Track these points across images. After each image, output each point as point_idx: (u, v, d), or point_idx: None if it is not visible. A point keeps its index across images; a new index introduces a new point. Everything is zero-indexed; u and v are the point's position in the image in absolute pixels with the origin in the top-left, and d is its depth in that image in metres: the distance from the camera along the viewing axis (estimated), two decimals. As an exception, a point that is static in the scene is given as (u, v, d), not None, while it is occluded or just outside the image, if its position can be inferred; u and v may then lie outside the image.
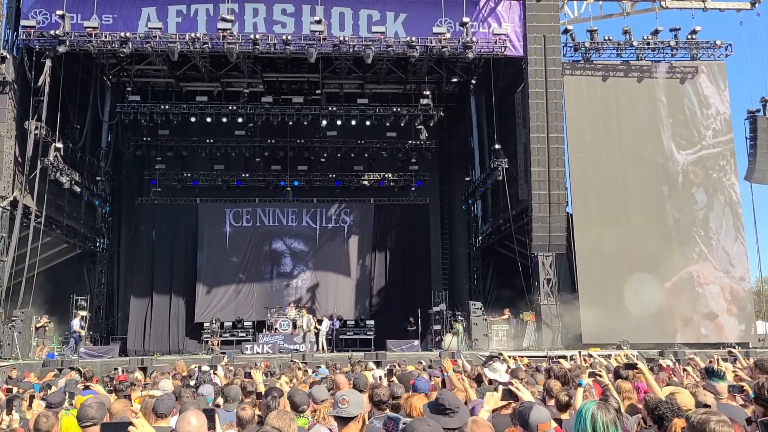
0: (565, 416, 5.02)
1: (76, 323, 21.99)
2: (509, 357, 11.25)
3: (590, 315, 20.94)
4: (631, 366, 6.63)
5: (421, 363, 13.25)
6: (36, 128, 20.57)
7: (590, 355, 11.37)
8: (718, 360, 8.16)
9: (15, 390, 8.35)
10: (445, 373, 6.59)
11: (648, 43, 22.62)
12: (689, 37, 22.78)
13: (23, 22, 20.56)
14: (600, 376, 6.55)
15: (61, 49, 20.16)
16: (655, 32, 22.70)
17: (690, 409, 4.01)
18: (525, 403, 4.03)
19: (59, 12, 20.07)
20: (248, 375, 8.25)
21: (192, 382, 8.79)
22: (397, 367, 10.79)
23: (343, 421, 3.91)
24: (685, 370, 7.67)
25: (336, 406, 3.93)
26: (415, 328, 23.52)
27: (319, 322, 23.50)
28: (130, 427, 3.24)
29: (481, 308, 21.53)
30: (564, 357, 15.05)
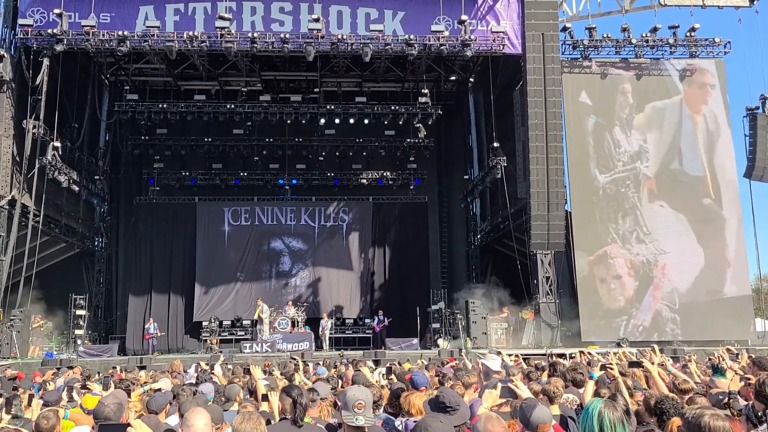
0: (555, 410, 5.00)
1: (152, 328, 23.27)
2: (508, 355, 11.23)
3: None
4: (637, 364, 6.61)
5: (421, 362, 13.23)
6: (34, 127, 20.53)
7: (589, 353, 11.35)
8: (720, 357, 8.16)
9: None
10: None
11: (647, 41, 22.62)
12: (688, 34, 22.79)
13: (21, 21, 20.50)
14: (611, 368, 6.55)
15: (59, 47, 20.10)
16: (654, 30, 22.70)
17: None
18: (528, 401, 4.01)
19: (57, 10, 20.01)
20: (247, 371, 8.25)
21: (187, 381, 8.78)
22: (396, 365, 10.78)
23: (359, 428, 3.64)
24: (685, 366, 7.67)
25: (350, 409, 3.65)
26: (386, 324, 23.57)
27: (309, 321, 23.51)
28: (129, 429, 3.20)
29: (480, 306, 21.51)
30: (563, 355, 15.07)
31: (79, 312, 23.16)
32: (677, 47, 22.85)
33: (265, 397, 5.08)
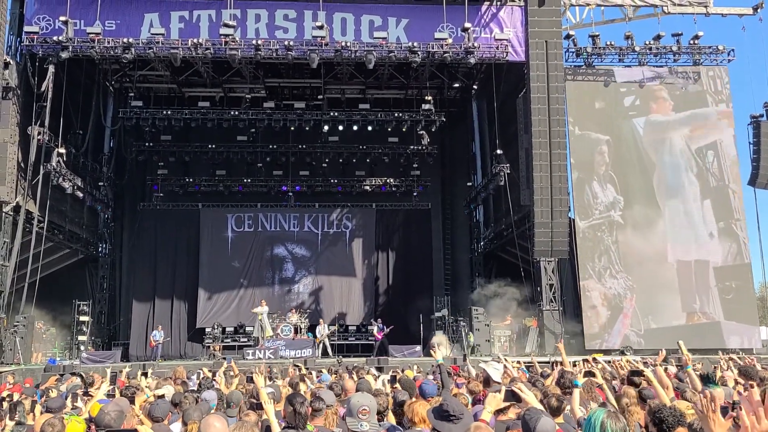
0: (558, 420, 4.98)
1: (158, 335, 23.19)
2: (512, 363, 11.19)
3: (593, 320, 21.19)
4: (637, 373, 6.59)
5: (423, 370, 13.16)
6: (39, 134, 20.61)
7: (595, 360, 11.33)
8: (721, 366, 8.11)
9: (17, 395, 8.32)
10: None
11: (650, 49, 22.68)
12: (691, 42, 22.83)
13: (26, 28, 20.62)
14: (594, 376, 6.51)
15: (64, 54, 20.20)
16: (657, 37, 22.75)
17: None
18: (531, 411, 3.98)
19: (62, 18, 20.12)
20: (250, 380, 8.21)
21: (190, 388, 8.77)
22: (400, 373, 10.74)
23: None
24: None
25: (355, 416, 3.69)
26: (387, 332, 23.39)
27: (312, 328, 23.48)
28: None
29: (483, 314, 21.48)
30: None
31: (82, 318, 23.16)
32: (681, 55, 22.88)
33: (259, 406, 5.06)
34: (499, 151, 24.33)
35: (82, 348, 22.21)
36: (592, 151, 22.76)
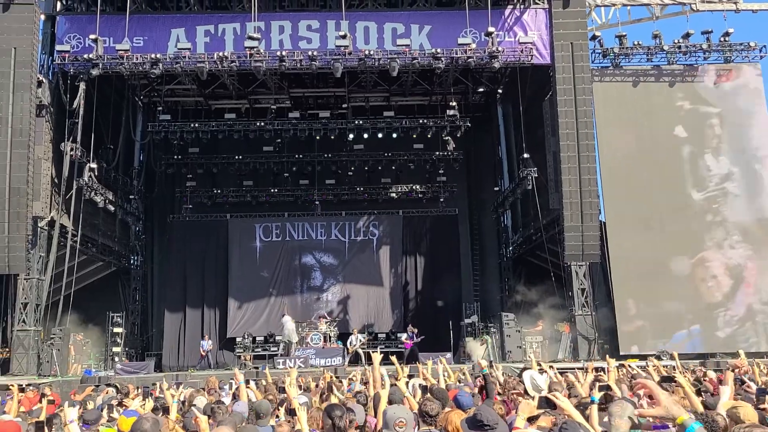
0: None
1: (206, 345, 23.37)
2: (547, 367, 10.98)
3: (627, 325, 20.77)
4: (669, 379, 6.42)
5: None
6: (71, 150, 21.08)
7: (629, 366, 11.09)
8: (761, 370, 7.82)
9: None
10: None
11: (679, 47, 22.24)
12: (722, 39, 22.34)
13: (58, 47, 21.11)
14: (611, 389, 6.32)
15: (95, 72, 20.60)
16: (686, 35, 22.31)
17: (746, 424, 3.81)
18: (569, 424, 3.87)
19: (92, 36, 20.53)
20: (282, 390, 8.21)
21: (222, 398, 8.79)
22: (431, 379, 10.61)
23: None
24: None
25: (391, 428, 3.65)
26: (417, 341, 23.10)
27: (341, 336, 23.43)
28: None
29: (514, 320, 21.23)
30: (602, 369, 14.68)
31: (116, 329, 23.53)
32: (711, 53, 22.42)
33: (293, 412, 5.04)
34: (526, 155, 24.10)
35: (116, 359, 22.55)
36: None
